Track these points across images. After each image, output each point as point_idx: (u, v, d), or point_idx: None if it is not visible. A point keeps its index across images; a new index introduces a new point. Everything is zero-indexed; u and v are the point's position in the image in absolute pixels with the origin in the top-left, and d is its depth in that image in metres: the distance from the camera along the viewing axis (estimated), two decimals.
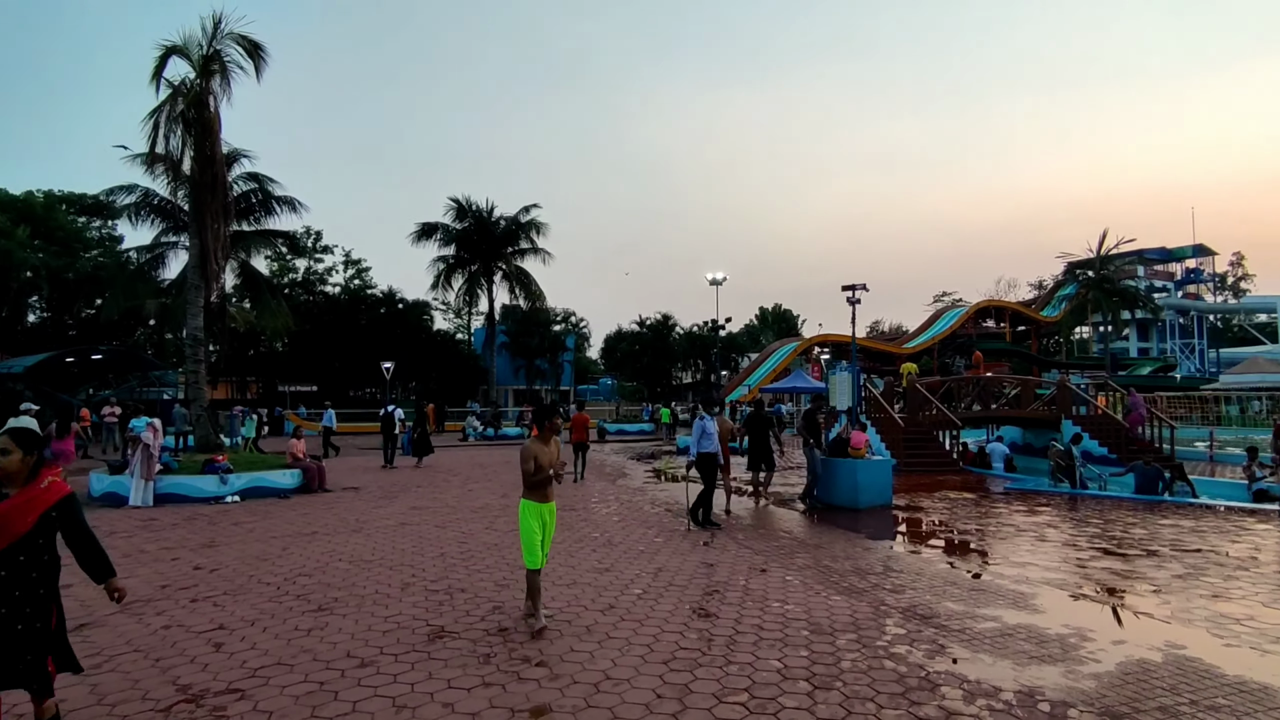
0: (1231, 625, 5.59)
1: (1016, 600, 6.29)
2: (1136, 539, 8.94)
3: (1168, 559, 7.84)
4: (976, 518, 10.61)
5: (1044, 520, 10.33)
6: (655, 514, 10.92)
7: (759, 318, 78.50)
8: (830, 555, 8.13)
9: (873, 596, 6.42)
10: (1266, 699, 4.24)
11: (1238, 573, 7.22)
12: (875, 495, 11.30)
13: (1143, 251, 58.77)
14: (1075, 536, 9.15)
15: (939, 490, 13.37)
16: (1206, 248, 66.57)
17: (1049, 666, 4.76)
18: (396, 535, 9.42)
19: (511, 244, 40.21)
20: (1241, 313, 69.01)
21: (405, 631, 5.50)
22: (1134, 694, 4.32)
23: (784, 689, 4.38)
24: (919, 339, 53.04)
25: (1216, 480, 15.65)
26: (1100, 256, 48.93)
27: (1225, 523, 10.04)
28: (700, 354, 52.99)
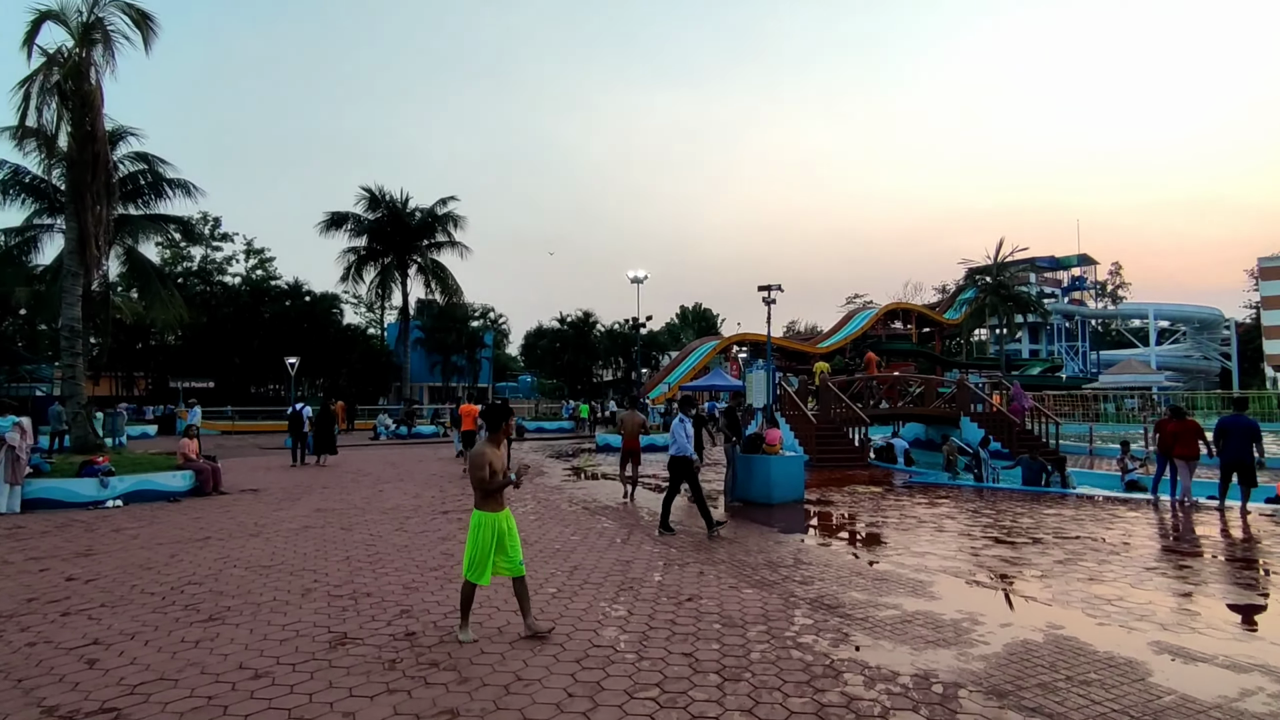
0: (1104, 605, 6.04)
1: (916, 588, 6.59)
2: (1024, 528, 9.55)
3: (1050, 546, 8.42)
4: (881, 510, 11.08)
5: (942, 512, 10.91)
6: (572, 512, 10.85)
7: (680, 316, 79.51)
8: (744, 549, 8.30)
9: (783, 588, 6.59)
10: (1131, 671, 4.61)
11: (1110, 557, 7.82)
12: (788, 490, 11.62)
13: (1034, 260, 63.07)
14: (970, 526, 9.70)
15: (848, 484, 13.90)
16: (1090, 258, 72.21)
17: (943, 650, 5.00)
18: (298, 539, 8.97)
19: (427, 237, 39.06)
20: (1119, 318, 75.12)
21: (305, 640, 5.23)
22: (1017, 672, 4.59)
23: (695, 682, 4.42)
24: (832, 339, 55.11)
25: (1094, 472, 16.97)
26: (997, 264, 52.24)
27: (1101, 511, 10.88)
28: (621, 351, 53.17)
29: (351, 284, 39.07)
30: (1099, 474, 16.74)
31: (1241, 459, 10.72)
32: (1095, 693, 4.29)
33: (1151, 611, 5.88)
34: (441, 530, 9.44)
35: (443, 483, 14.55)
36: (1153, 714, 4.00)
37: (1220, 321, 65.95)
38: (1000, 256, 52.43)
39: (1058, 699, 4.20)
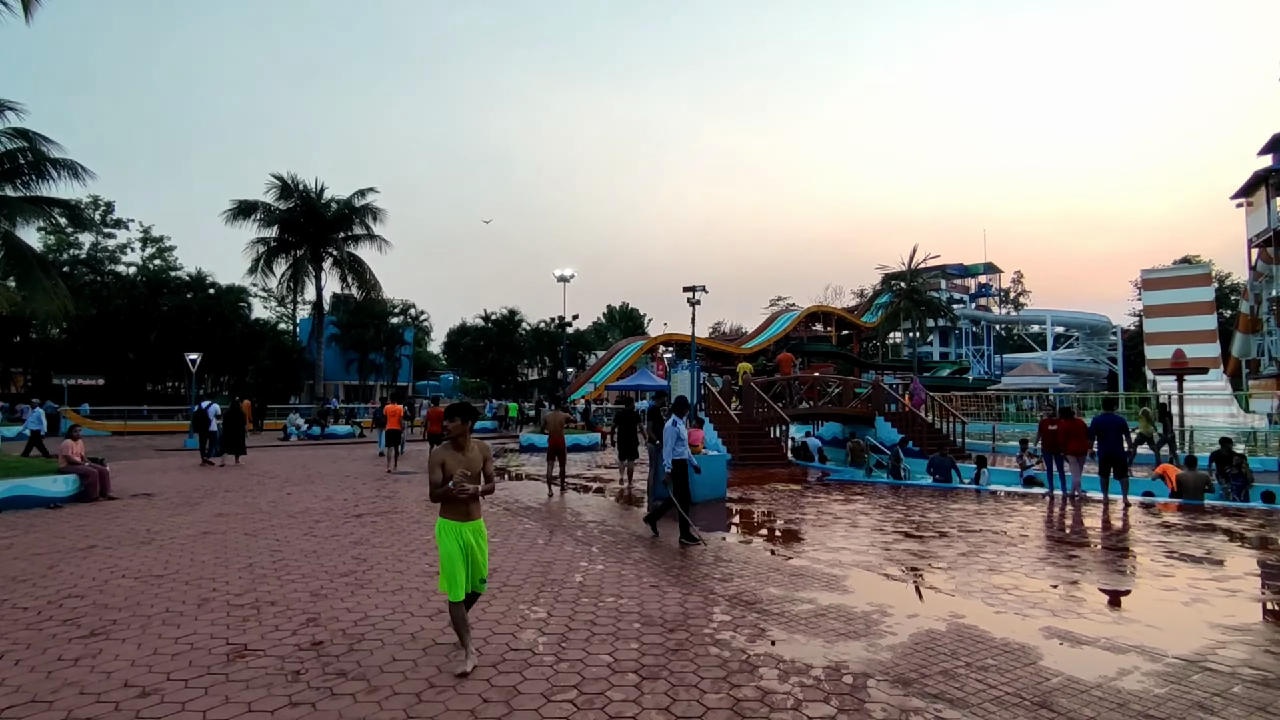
0: (1001, 594, 6.39)
1: (830, 583, 6.79)
2: (932, 523, 10.01)
3: (955, 539, 8.85)
4: (800, 507, 11.38)
5: (857, 508, 11.30)
6: (492, 514, 10.64)
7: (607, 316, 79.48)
8: (666, 548, 8.34)
9: (703, 586, 6.66)
10: (1024, 656, 4.88)
11: (1008, 549, 8.29)
12: (710, 489, 11.77)
13: (945, 267, 66.32)
14: (882, 522, 10.08)
15: (769, 483, 14.21)
16: (995, 266, 76.58)
17: (854, 642, 5.17)
18: (196, 546, 8.43)
19: (344, 229, 37.47)
20: (1020, 323, 79.88)
21: (200, 653, 4.91)
22: (922, 661, 4.79)
23: (613, 682, 4.40)
24: (756, 340, 56.29)
25: (995, 469, 17.92)
26: (910, 270, 54.65)
27: (1001, 506, 11.53)
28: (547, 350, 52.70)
29: (261, 277, 36.95)
30: (1000, 470, 17.70)
31: (1114, 454, 11.65)
32: (992, 677, 4.52)
33: (1043, 599, 6.25)
34: (354, 534, 9.07)
35: (357, 484, 14.01)
36: (1042, 695, 4.25)
37: (1108, 328, 71.23)
38: (914, 263, 54.89)
39: (957, 685, 4.40)
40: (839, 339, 64.80)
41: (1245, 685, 4.41)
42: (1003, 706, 4.10)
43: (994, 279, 77.97)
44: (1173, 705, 4.12)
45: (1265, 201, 40.65)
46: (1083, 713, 4.02)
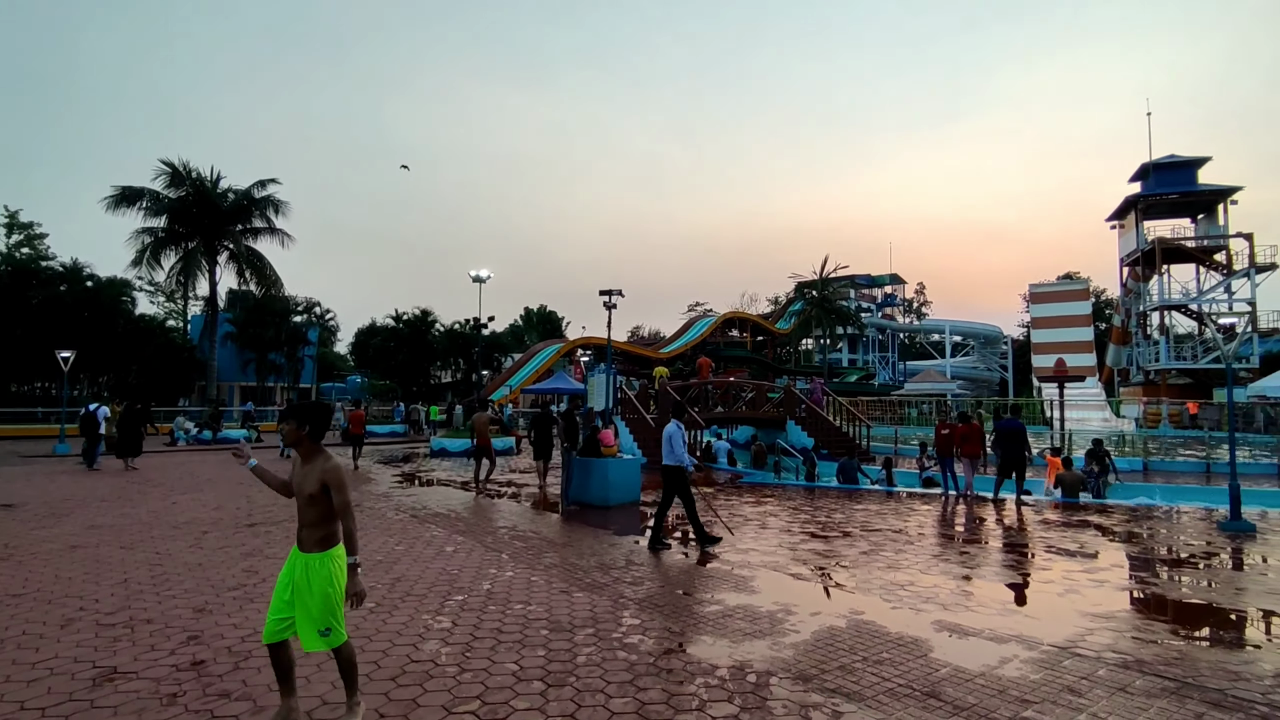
0: (898, 590, 6.68)
1: (738, 584, 6.91)
2: (836, 523, 10.37)
3: (858, 539, 9.20)
4: (712, 510, 11.54)
5: (766, 510, 11.57)
6: (399, 521, 10.26)
7: (524, 318, 78.47)
8: (577, 553, 8.28)
9: (613, 590, 6.63)
10: (916, 649, 5.11)
11: (906, 547, 8.69)
12: (625, 492, 11.78)
13: (854, 277, 69.22)
14: (790, 523, 10.37)
15: None
16: (899, 277, 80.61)
17: (759, 641, 5.27)
18: (62, 561, 7.70)
19: (242, 221, 35.23)
20: (922, 332, 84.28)
21: (61, 678, 4.48)
22: (822, 657, 4.94)
23: (518, 691, 4.31)
24: (674, 345, 56.93)
25: (897, 470, 18.76)
26: (822, 279, 56.76)
27: (901, 506, 12.09)
28: (462, 352, 51.46)
29: (146, 269, 34.14)
30: (901, 471, 18.52)
31: (1015, 457, 12.45)
32: (886, 670, 4.71)
33: (936, 594, 6.58)
34: (246, 545, 8.54)
35: (252, 491, 13.22)
36: (931, 685, 4.46)
37: (1000, 338, 76.17)
38: (825, 273, 57.04)
39: (854, 679, 4.56)
40: (754, 345, 66.45)
41: (1109, 668, 4.77)
42: (895, 698, 4.27)
43: (899, 289, 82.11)
44: (1046, 690, 4.41)
45: (1135, 225, 44.64)
46: (967, 700, 4.24)
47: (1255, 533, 9.51)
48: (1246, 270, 40.75)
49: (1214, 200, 43.01)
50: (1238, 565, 7.98)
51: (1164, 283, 44.25)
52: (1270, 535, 9.52)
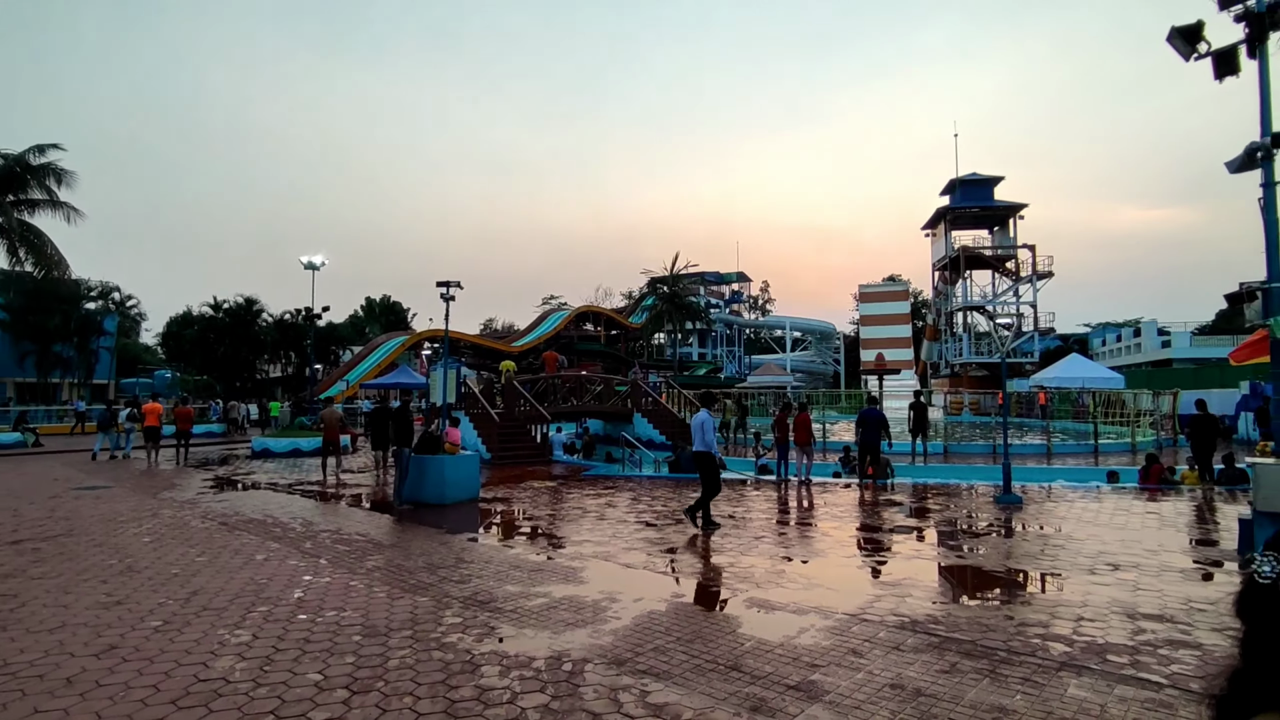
0: (718, 573, 7.05)
1: (568, 575, 6.97)
2: (672, 511, 10.75)
3: (688, 524, 9.57)
4: (553, 503, 11.57)
5: (606, 501, 11.77)
6: (204, 529, 9.35)
7: (365, 309, 74.11)
8: (405, 553, 7.97)
9: (438, 590, 6.46)
10: (727, 626, 5.43)
11: (733, 530, 9.16)
12: (463, 490, 11.50)
13: (704, 274, 72.00)
14: (627, 513, 10.61)
15: (527, 480, 14.26)
16: (746, 275, 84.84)
17: (580, 630, 5.35)
18: None
19: (15, 191, 30.22)
20: (765, 328, 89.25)
21: None
22: (639, 640, 5.11)
23: (318, 702, 4.08)
24: (527, 338, 56.31)
25: (735, 459, 19.78)
26: (673, 275, 58.50)
27: (733, 492, 12.74)
28: (293, 345, 47.70)
29: None
30: (738, 460, 19.52)
31: (874, 443, 13.54)
32: (696, 648, 4.96)
33: (752, 573, 7.01)
34: (8, 565, 7.41)
35: (21, 504, 11.48)
36: (735, 659, 4.75)
37: (834, 334, 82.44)
38: (676, 269, 58.85)
39: (666, 659, 4.75)
40: (608, 339, 67.25)
41: (888, 630, 5.32)
42: (700, 674, 4.51)
43: (745, 287, 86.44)
44: (834, 654, 4.84)
45: (944, 233, 49.97)
46: (764, 669, 4.56)
47: (1021, 504, 10.99)
48: (1030, 277, 46.95)
49: (1006, 215, 49.11)
50: (1005, 533, 9.18)
51: (967, 286, 49.99)
52: (1032, 505, 11.04)
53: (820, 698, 4.15)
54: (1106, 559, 7.44)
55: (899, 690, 4.26)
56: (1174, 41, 7.85)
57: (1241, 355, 7.85)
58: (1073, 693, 4.23)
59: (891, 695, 4.19)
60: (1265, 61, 7.42)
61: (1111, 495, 11.96)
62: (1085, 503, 11.15)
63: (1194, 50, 7.74)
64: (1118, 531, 8.86)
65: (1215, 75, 7.69)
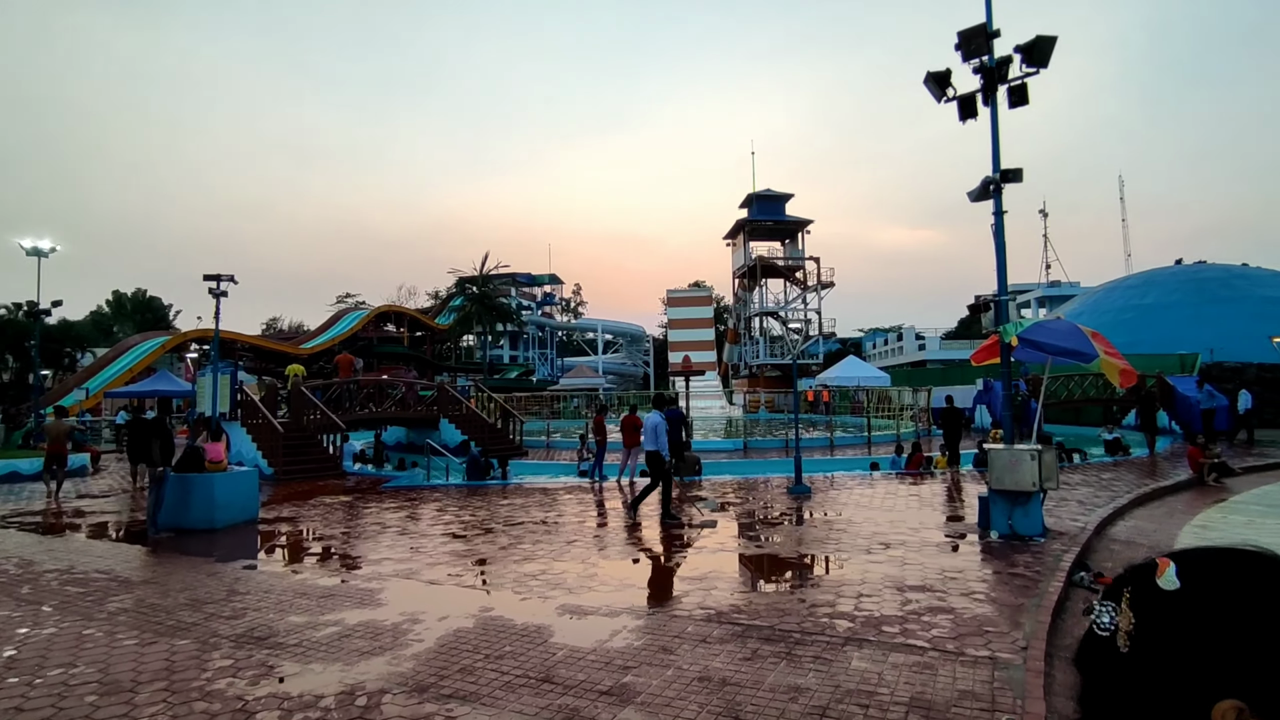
0: (530, 582, 6.84)
1: (364, 599, 6.38)
2: (480, 520, 10.33)
3: (499, 534, 9.26)
4: (349, 520, 10.62)
5: (409, 514, 11.04)
6: None
7: (113, 304, 63.79)
8: (162, 590, 6.83)
9: (204, 630, 5.58)
10: (539, 636, 5.25)
11: (545, 537, 9.00)
12: (237, 511, 10.16)
13: (515, 275, 70.92)
14: (432, 526, 10.02)
15: (318, 496, 12.98)
16: (558, 277, 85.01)
17: (377, 658, 4.89)
18: None
19: None
20: (578, 330, 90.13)
21: None
22: (444, 663, 4.77)
23: None
24: (319, 339, 51.71)
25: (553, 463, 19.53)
26: (482, 275, 56.95)
27: (546, 498, 12.55)
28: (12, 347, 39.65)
29: None
30: (559, 464, 19.29)
31: (676, 442, 13.85)
32: (506, 664, 4.73)
33: (564, 579, 6.89)
34: None
35: None
36: (546, 670, 4.59)
37: (644, 337, 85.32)
38: (485, 269, 57.37)
39: (474, 679, 4.47)
40: (412, 340, 63.84)
41: (696, 624, 5.47)
42: (511, 690, 4.29)
43: (557, 289, 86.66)
44: (645, 653, 4.86)
45: (743, 244, 53.78)
46: (576, 678, 4.46)
47: (810, 494, 12.00)
48: (815, 286, 52.03)
49: (796, 229, 53.97)
50: (797, 521, 9.95)
51: (762, 293, 54.20)
52: (819, 494, 12.11)
53: (632, 700, 4.13)
54: (880, 539, 8.32)
55: (707, 682, 4.36)
56: (929, 84, 9.00)
57: (980, 357, 9.19)
58: (856, 665, 4.61)
59: (700, 688, 4.28)
60: (995, 109, 8.75)
61: (882, 481, 13.48)
62: (862, 489, 12.45)
63: (944, 94, 8.92)
64: (888, 514, 9.97)
65: (960, 117, 8.93)
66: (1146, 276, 36.55)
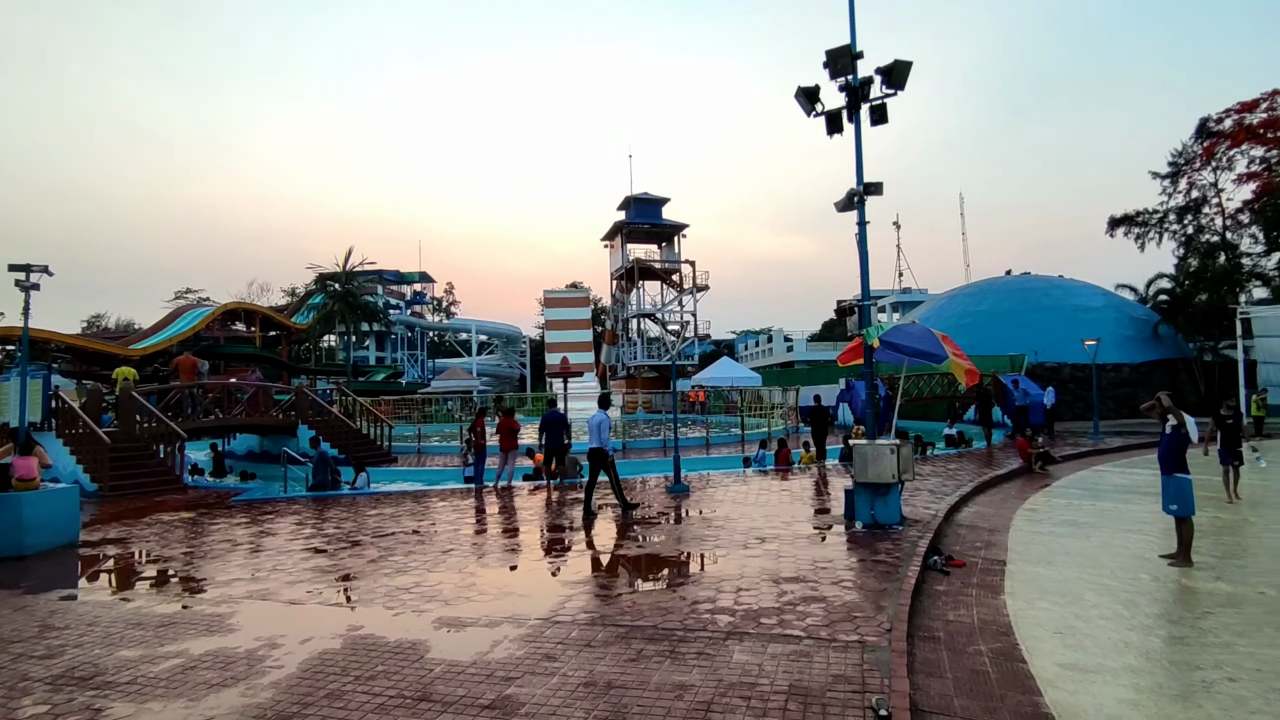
0: (402, 595, 6.47)
1: (212, 625, 5.76)
2: (346, 532, 9.67)
3: (367, 546, 8.71)
4: (192, 539, 9.60)
5: (263, 529, 10.15)
6: None
7: None
8: None
9: (10, 673, 4.82)
10: (413, 653, 4.95)
11: (418, 547, 8.55)
12: (53, 534, 8.88)
13: (382, 272, 67.51)
14: (291, 541, 9.26)
15: (154, 513, 11.65)
16: (429, 275, 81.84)
17: (229, 690, 4.42)
18: None
19: None
20: (450, 330, 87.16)
21: None
22: (308, 689, 4.38)
23: None
24: (154, 339, 46.54)
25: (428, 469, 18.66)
26: (346, 272, 53.76)
27: (418, 506, 11.97)
28: None
29: None
30: (432, 470, 18.41)
31: (559, 446, 13.57)
32: (379, 685, 4.42)
33: (440, 591, 6.57)
34: None
35: None
36: (423, 688, 4.34)
37: (520, 338, 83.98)
38: (349, 265, 54.19)
39: (342, 704, 4.14)
40: (266, 341, 59.06)
41: (580, 629, 5.39)
42: (384, 712, 4.01)
43: (428, 288, 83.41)
44: (528, 663, 4.71)
45: (621, 246, 54.24)
46: (456, 694, 4.24)
47: (689, 492, 12.24)
48: (691, 289, 53.41)
49: (673, 233, 55.14)
50: (677, 520, 10.09)
51: (640, 295, 54.97)
52: (697, 492, 12.37)
53: (516, 712, 3.98)
54: (756, 534, 8.60)
55: (592, 687, 4.29)
56: (799, 99, 9.45)
57: (846, 358, 9.77)
58: (737, 658, 4.71)
59: (586, 694, 4.20)
60: (859, 126, 9.32)
61: (755, 478, 14.00)
62: (737, 486, 12.86)
63: (814, 108, 9.39)
64: (762, 509, 10.34)
65: (828, 131, 9.44)
66: (981, 286, 40.48)
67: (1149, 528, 9.21)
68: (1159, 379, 27.95)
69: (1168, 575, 7.14)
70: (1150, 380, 28.36)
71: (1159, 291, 34.05)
